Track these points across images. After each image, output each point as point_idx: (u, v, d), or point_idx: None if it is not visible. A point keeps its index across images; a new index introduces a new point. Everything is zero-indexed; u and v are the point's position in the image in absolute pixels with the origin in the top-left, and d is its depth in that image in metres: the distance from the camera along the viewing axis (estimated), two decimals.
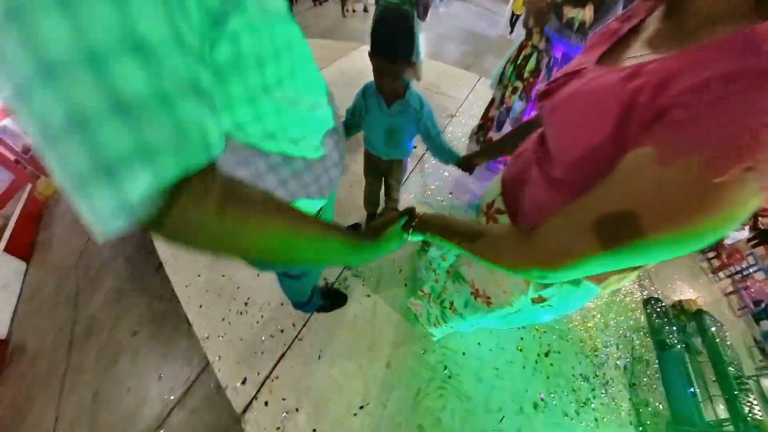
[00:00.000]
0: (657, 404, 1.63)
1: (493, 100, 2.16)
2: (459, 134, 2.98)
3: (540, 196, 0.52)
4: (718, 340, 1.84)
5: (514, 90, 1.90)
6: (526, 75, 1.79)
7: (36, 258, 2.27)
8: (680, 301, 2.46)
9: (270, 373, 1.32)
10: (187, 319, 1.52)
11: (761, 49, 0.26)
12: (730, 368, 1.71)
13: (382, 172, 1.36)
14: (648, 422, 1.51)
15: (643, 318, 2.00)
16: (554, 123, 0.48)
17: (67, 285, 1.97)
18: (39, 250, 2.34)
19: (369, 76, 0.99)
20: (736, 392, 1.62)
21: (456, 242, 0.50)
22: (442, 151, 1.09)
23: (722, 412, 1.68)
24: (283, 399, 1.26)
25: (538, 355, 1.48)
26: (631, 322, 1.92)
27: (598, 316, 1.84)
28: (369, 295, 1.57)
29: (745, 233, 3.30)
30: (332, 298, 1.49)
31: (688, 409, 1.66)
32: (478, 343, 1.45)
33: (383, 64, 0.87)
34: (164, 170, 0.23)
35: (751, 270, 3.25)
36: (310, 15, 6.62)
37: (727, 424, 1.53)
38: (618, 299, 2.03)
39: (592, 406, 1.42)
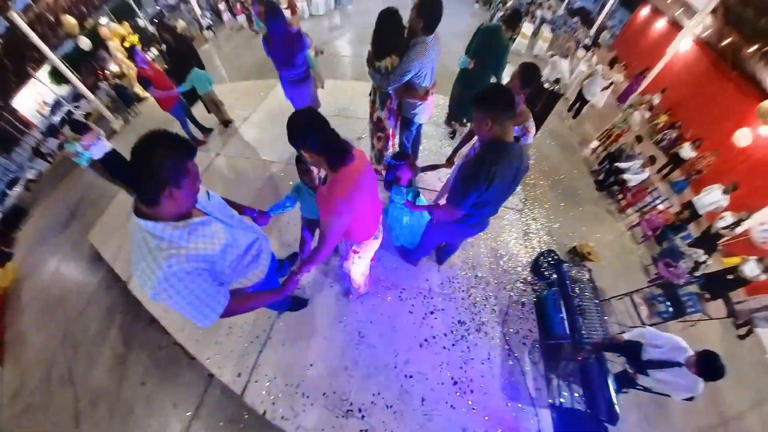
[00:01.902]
0: (528, 330, 2.34)
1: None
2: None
3: None
4: (571, 276, 2.45)
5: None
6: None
7: (9, 358, 2.33)
8: (574, 247, 3.10)
9: (255, 364, 2.06)
10: (188, 354, 2.08)
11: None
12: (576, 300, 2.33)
13: (315, 226, 2.03)
14: (514, 338, 2.22)
15: (525, 273, 2.68)
16: None
17: (56, 368, 2.09)
18: (10, 348, 2.40)
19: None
20: (575, 315, 2.25)
21: None
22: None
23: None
24: (266, 375, 2.02)
25: (425, 314, 2.20)
26: (513, 276, 2.61)
27: (483, 275, 2.53)
28: (309, 299, 2.30)
29: (645, 176, 3.84)
30: (297, 302, 2.22)
31: (558, 329, 2.35)
32: (380, 313, 2.18)
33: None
34: None
35: (657, 202, 3.82)
36: (231, 52, 6.78)
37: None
38: (503, 261, 2.70)
39: (467, 340, 2.14)
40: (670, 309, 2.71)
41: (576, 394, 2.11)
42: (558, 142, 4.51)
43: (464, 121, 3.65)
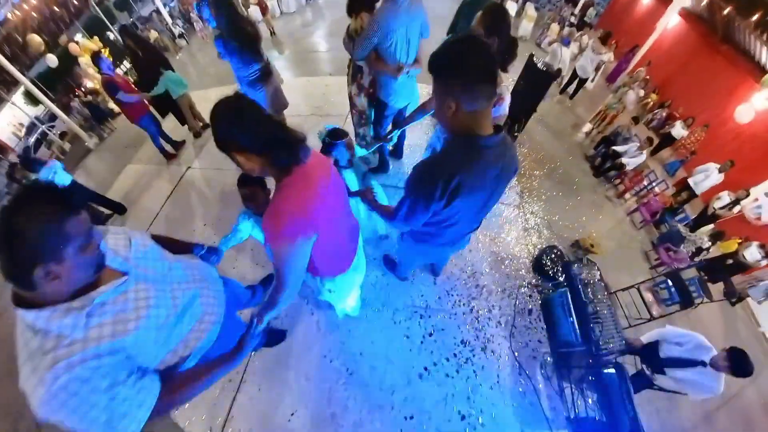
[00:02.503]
0: (537, 340, 2.10)
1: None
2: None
3: None
4: (582, 280, 2.21)
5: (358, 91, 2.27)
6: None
7: None
8: (577, 241, 2.89)
9: (227, 416, 1.73)
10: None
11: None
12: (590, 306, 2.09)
13: None
14: (524, 352, 1.98)
15: (529, 275, 2.43)
16: None
17: (23, 422, 1.93)
18: None
19: None
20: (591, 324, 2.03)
21: None
22: None
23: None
24: (239, 429, 1.70)
25: (423, 336, 1.91)
26: (517, 281, 2.36)
27: (485, 284, 2.27)
28: (286, 330, 1.96)
29: (642, 158, 3.67)
30: (273, 336, 1.87)
31: (568, 334, 2.12)
32: (372, 342, 1.87)
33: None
34: None
35: (654, 185, 3.68)
36: (205, 59, 6.64)
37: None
38: (504, 265, 2.44)
39: (473, 363, 1.88)
40: (676, 296, 2.57)
41: (590, 401, 1.92)
42: (551, 128, 4.27)
43: None
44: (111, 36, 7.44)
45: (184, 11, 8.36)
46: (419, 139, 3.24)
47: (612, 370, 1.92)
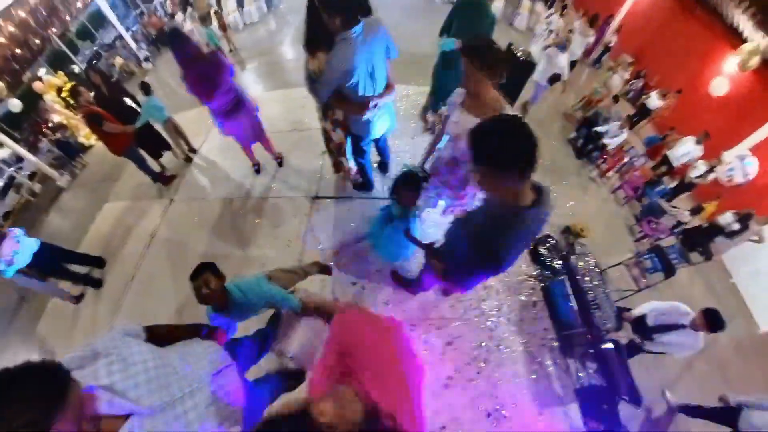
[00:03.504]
0: (543, 329, 2.32)
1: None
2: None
3: None
4: (580, 269, 2.42)
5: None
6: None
7: None
8: (568, 227, 3.08)
9: None
10: None
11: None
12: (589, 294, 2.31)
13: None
14: (535, 343, 2.20)
15: (529, 269, 2.61)
16: None
17: None
18: None
19: None
20: (590, 310, 2.26)
21: None
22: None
23: None
24: None
25: (442, 348, 2.07)
26: (518, 276, 2.53)
27: (491, 284, 2.43)
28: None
29: (623, 137, 3.83)
30: (292, 377, 1.97)
31: (570, 317, 2.35)
32: None
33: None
34: None
35: (635, 161, 3.88)
36: (172, 82, 6.28)
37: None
38: None
39: (490, 362, 2.07)
40: (659, 266, 2.85)
41: (590, 371, 2.19)
42: (533, 115, 4.32)
43: (441, 108, 3.28)
44: (76, 69, 7.10)
45: (147, 34, 8.03)
46: (406, 145, 3.26)
47: (610, 345, 2.19)
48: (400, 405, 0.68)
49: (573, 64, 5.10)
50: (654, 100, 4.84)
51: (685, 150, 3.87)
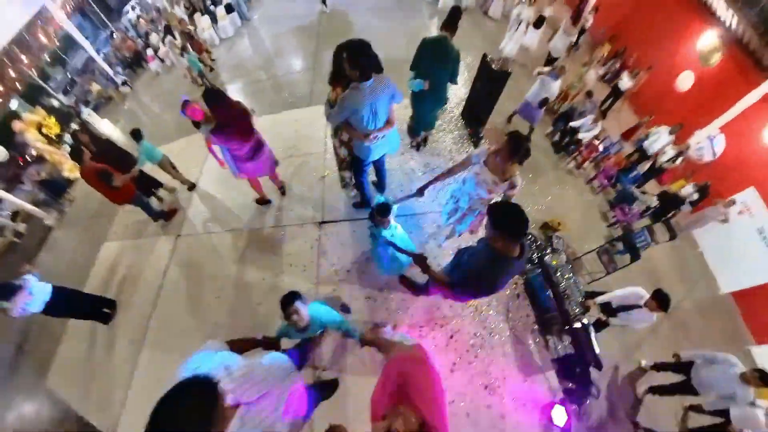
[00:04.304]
0: (525, 315, 2.86)
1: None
2: (337, 188, 3.37)
3: None
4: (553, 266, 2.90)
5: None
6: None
7: None
8: (545, 222, 3.53)
9: None
10: None
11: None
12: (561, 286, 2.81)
13: None
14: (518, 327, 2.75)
15: None
16: None
17: None
18: None
19: None
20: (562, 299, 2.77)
21: None
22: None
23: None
24: None
25: (447, 341, 2.62)
26: None
27: None
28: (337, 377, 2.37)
29: (597, 130, 4.14)
30: (326, 387, 2.19)
31: (547, 303, 2.89)
32: None
33: None
34: None
35: (610, 150, 4.23)
36: (153, 107, 6.25)
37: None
38: None
39: (485, 347, 2.63)
40: (626, 252, 3.34)
41: (565, 344, 2.75)
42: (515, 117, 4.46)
43: (421, 134, 3.63)
44: (54, 103, 7.07)
45: (123, 57, 7.82)
46: (397, 162, 3.62)
47: (578, 324, 2.73)
48: (438, 418, 0.99)
49: (554, 60, 5.28)
50: (625, 81, 5.00)
51: (659, 140, 4.18)
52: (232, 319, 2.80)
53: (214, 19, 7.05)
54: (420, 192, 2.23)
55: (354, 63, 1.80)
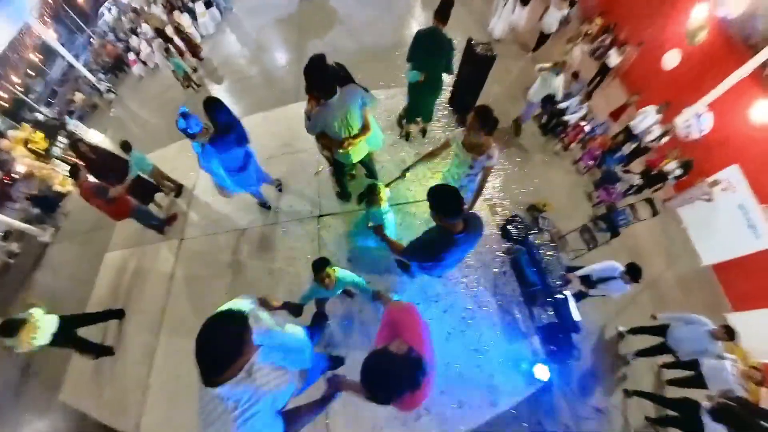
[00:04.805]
0: (512, 290, 3.16)
1: None
2: (331, 182, 3.47)
3: None
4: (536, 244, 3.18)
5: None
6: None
7: None
8: (532, 204, 3.77)
9: None
10: None
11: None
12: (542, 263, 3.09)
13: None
14: (505, 300, 3.07)
15: (497, 245, 3.38)
16: None
17: None
18: None
19: None
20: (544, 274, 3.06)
21: None
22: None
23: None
24: None
25: (441, 314, 2.94)
26: (491, 255, 3.32)
27: (470, 263, 3.23)
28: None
29: (583, 111, 4.27)
30: (335, 360, 2.45)
31: (532, 278, 3.18)
32: None
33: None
34: None
35: (596, 131, 4.38)
36: (140, 112, 6.20)
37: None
38: (480, 245, 3.37)
39: (475, 318, 2.95)
40: (607, 230, 3.59)
41: (549, 313, 3.06)
42: (501, 100, 4.58)
43: (420, 120, 3.74)
44: (39, 117, 6.96)
45: (103, 62, 7.68)
46: (387, 154, 3.81)
47: (561, 295, 3.03)
48: (421, 346, 1.22)
49: (546, 37, 5.34)
50: (613, 58, 4.96)
51: (646, 119, 4.28)
52: None
53: (194, 17, 6.90)
54: (403, 174, 2.40)
55: (314, 86, 1.93)
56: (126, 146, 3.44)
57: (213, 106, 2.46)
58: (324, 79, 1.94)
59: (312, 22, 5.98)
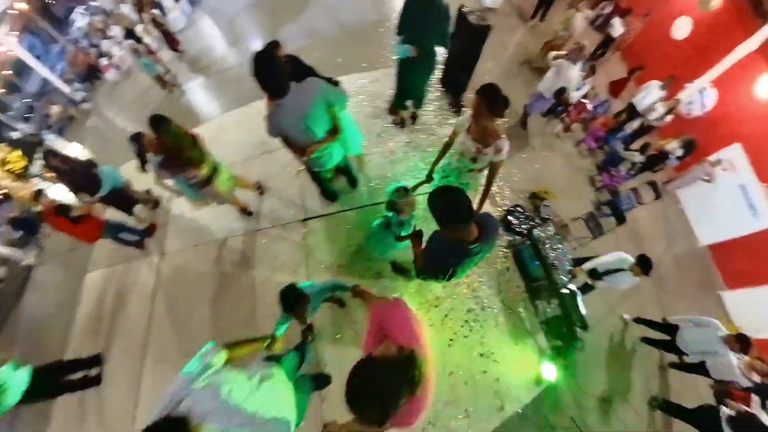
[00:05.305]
0: (516, 286, 2.98)
1: None
2: (313, 186, 3.04)
3: None
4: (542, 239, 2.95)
5: None
6: None
7: None
8: (533, 192, 3.52)
9: None
10: None
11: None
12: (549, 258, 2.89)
13: None
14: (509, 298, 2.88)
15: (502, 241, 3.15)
16: None
17: None
18: None
19: None
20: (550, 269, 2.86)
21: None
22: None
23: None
24: None
25: (442, 319, 2.73)
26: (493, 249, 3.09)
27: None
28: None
29: (587, 88, 3.94)
30: (321, 380, 2.32)
31: (537, 273, 3.00)
32: None
33: None
34: None
35: (599, 109, 4.10)
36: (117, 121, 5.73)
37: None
38: None
39: (479, 321, 2.75)
40: (612, 215, 3.42)
41: (553, 305, 2.91)
42: (497, 79, 4.25)
43: (411, 104, 3.35)
44: (14, 135, 6.62)
45: (77, 72, 7.19)
46: (375, 145, 3.44)
47: (566, 290, 2.86)
48: (411, 339, 1.13)
49: (551, 2, 4.85)
50: (617, 27, 4.61)
51: (650, 95, 4.02)
52: (229, 328, 2.77)
53: (164, 12, 6.36)
54: (429, 177, 2.22)
55: (260, 85, 1.59)
56: (90, 164, 3.19)
57: (159, 125, 2.26)
58: (268, 77, 1.61)
59: (285, 3, 5.48)
